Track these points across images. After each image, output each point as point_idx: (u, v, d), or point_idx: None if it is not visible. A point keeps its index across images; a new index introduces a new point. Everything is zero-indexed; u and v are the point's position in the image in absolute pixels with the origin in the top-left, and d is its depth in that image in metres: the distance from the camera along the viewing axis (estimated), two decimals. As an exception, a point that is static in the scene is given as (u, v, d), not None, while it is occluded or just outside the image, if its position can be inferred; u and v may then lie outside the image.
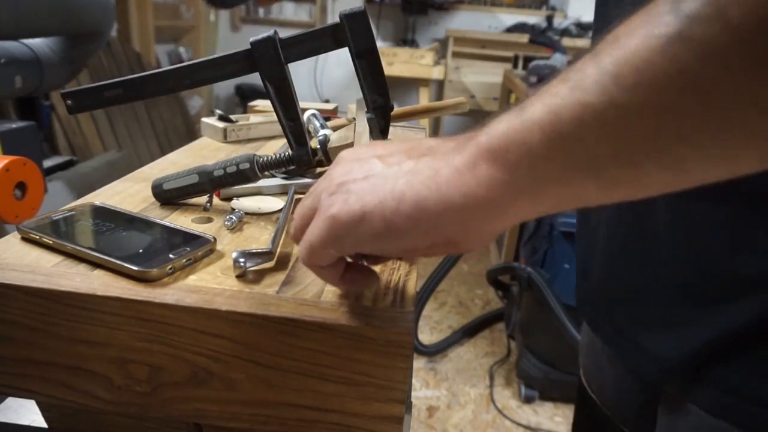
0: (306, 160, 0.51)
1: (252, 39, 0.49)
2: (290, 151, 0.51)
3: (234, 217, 0.48)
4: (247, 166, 0.50)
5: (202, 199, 0.54)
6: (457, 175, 0.25)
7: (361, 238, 0.28)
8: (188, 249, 0.41)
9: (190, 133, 2.91)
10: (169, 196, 0.53)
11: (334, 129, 0.67)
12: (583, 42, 2.95)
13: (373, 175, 0.28)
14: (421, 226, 0.26)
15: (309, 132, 0.62)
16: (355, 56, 0.49)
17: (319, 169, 0.66)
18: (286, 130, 0.52)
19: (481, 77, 3.40)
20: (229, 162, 0.51)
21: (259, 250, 0.41)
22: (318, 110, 0.72)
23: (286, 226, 0.48)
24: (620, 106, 0.21)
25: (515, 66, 3.00)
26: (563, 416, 1.69)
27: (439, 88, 3.45)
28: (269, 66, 0.49)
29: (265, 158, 0.51)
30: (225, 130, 0.79)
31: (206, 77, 0.51)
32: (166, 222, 0.47)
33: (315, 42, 0.50)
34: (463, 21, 3.48)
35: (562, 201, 0.25)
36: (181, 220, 0.50)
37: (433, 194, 0.25)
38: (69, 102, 0.52)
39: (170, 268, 0.39)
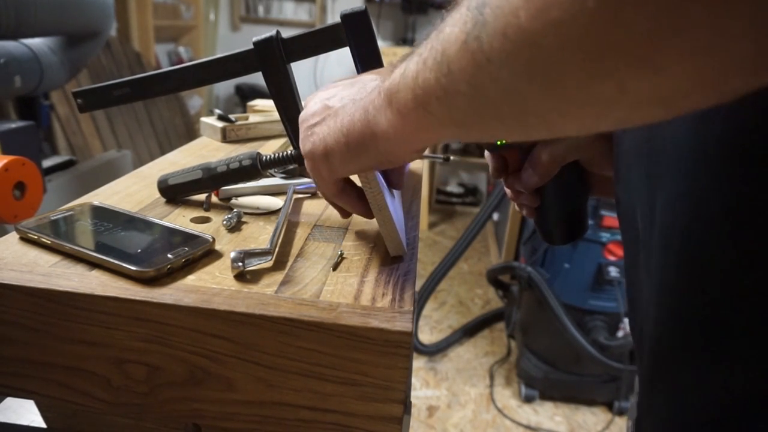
0: None
1: (255, 39, 0.49)
2: (292, 150, 0.51)
3: (233, 217, 0.48)
4: (249, 162, 0.50)
5: (201, 199, 0.54)
6: (377, 115, 0.33)
7: (333, 164, 0.38)
8: (187, 249, 0.41)
9: (189, 132, 2.91)
10: (174, 191, 0.53)
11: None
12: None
13: (326, 117, 0.38)
14: (363, 151, 0.36)
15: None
16: (357, 56, 0.49)
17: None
18: (288, 129, 0.52)
19: (481, 77, 3.38)
20: (233, 159, 0.51)
21: (258, 250, 0.40)
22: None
23: (284, 225, 0.47)
24: (442, 87, 0.27)
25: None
26: (563, 416, 1.69)
27: (439, 87, 3.44)
28: (272, 65, 0.49)
29: (268, 156, 0.51)
30: (224, 129, 0.79)
31: (211, 76, 0.51)
32: (164, 222, 0.47)
33: (317, 41, 0.50)
34: (463, 20, 3.47)
35: (450, 137, 0.31)
36: (179, 220, 0.49)
37: (366, 129, 0.34)
38: (79, 101, 0.52)
39: (168, 268, 0.39)
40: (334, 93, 0.39)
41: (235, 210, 0.50)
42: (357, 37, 0.49)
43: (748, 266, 0.26)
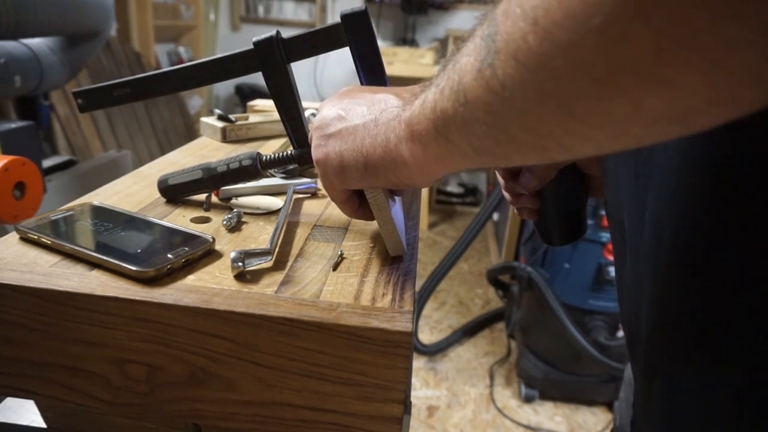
0: (308, 158, 0.51)
1: (255, 39, 0.49)
2: (292, 150, 0.52)
3: (233, 217, 0.48)
4: (249, 162, 0.50)
5: (201, 199, 0.54)
6: (398, 145, 0.34)
7: (347, 179, 0.38)
8: (187, 249, 0.41)
9: (189, 132, 2.91)
10: (174, 191, 0.53)
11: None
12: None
13: (343, 130, 0.38)
14: (380, 174, 0.36)
15: (309, 131, 0.62)
16: (357, 56, 0.49)
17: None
18: (288, 129, 0.52)
19: (481, 77, 3.38)
20: (233, 159, 0.51)
21: (258, 250, 0.40)
22: (318, 110, 0.72)
23: (284, 225, 0.47)
24: (460, 116, 0.27)
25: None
26: (563, 416, 1.69)
27: (439, 87, 3.44)
28: (272, 65, 0.49)
29: (268, 156, 0.51)
30: (224, 129, 0.79)
31: (211, 76, 0.51)
32: (164, 222, 0.47)
33: (317, 41, 0.50)
34: (463, 20, 3.47)
35: (469, 165, 0.31)
36: (179, 220, 0.49)
37: (386, 156, 0.35)
38: (80, 101, 0.52)
39: (168, 268, 0.39)
40: (353, 107, 0.39)
41: (235, 210, 0.50)
42: (357, 38, 0.49)
43: (739, 264, 0.26)
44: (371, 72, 0.50)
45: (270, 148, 0.77)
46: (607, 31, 0.18)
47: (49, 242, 0.42)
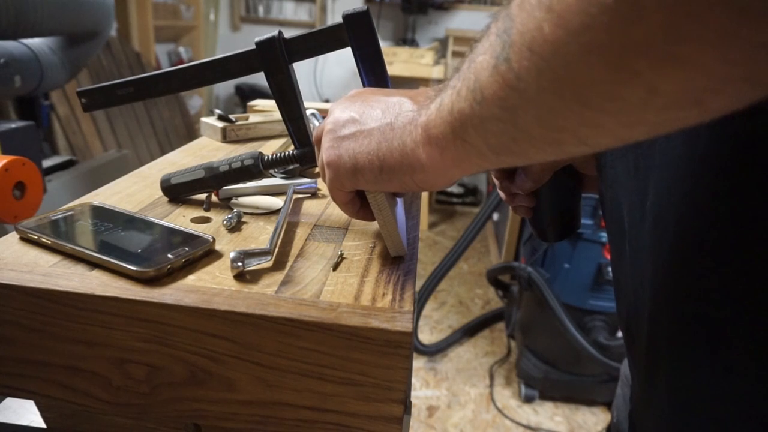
0: (310, 158, 0.51)
1: (257, 39, 0.49)
2: (294, 150, 0.52)
3: (233, 217, 0.48)
4: (251, 162, 0.50)
5: (202, 199, 0.54)
6: (415, 149, 0.34)
7: (359, 181, 0.38)
8: (187, 249, 0.41)
9: (190, 132, 2.91)
10: (177, 190, 0.53)
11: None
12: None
13: (357, 133, 0.37)
14: (395, 177, 0.36)
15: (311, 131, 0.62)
16: (358, 57, 0.49)
17: (318, 169, 0.66)
18: (290, 129, 0.52)
19: (481, 77, 3.38)
20: (235, 159, 0.51)
21: (258, 250, 0.40)
22: (318, 110, 0.72)
23: (284, 225, 0.47)
24: (477, 115, 0.27)
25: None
26: (563, 416, 1.69)
27: (439, 87, 3.43)
28: (274, 65, 0.49)
29: (270, 156, 0.51)
30: (224, 129, 0.79)
31: (214, 76, 0.51)
32: (164, 222, 0.47)
33: (319, 42, 0.50)
34: (463, 20, 3.47)
35: (486, 165, 0.32)
36: (179, 220, 0.49)
37: (403, 160, 0.35)
38: (83, 100, 0.53)
39: (169, 268, 0.39)
40: (367, 110, 0.38)
41: (235, 210, 0.50)
42: (359, 38, 0.49)
43: (743, 254, 0.26)
44: (373, 72, 0.50)
45: (270, 148, 0.77)
46: (620, 10, 0.18)
47: (49, 242, 0.42)
